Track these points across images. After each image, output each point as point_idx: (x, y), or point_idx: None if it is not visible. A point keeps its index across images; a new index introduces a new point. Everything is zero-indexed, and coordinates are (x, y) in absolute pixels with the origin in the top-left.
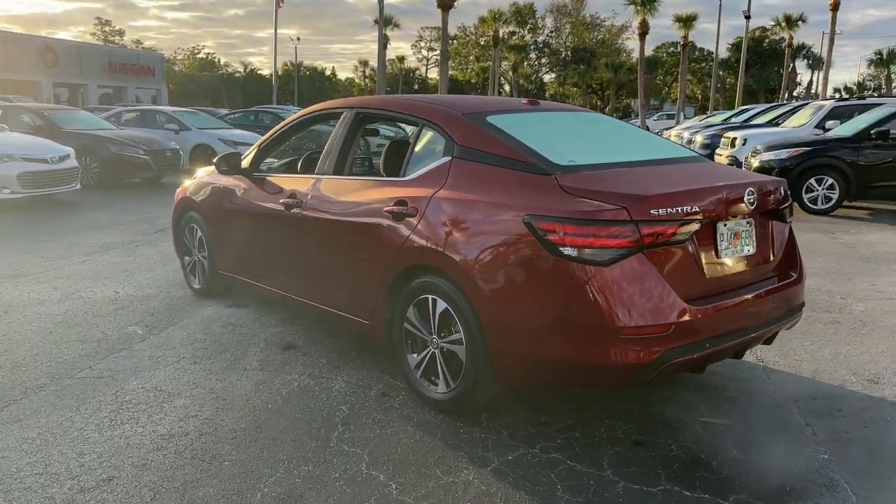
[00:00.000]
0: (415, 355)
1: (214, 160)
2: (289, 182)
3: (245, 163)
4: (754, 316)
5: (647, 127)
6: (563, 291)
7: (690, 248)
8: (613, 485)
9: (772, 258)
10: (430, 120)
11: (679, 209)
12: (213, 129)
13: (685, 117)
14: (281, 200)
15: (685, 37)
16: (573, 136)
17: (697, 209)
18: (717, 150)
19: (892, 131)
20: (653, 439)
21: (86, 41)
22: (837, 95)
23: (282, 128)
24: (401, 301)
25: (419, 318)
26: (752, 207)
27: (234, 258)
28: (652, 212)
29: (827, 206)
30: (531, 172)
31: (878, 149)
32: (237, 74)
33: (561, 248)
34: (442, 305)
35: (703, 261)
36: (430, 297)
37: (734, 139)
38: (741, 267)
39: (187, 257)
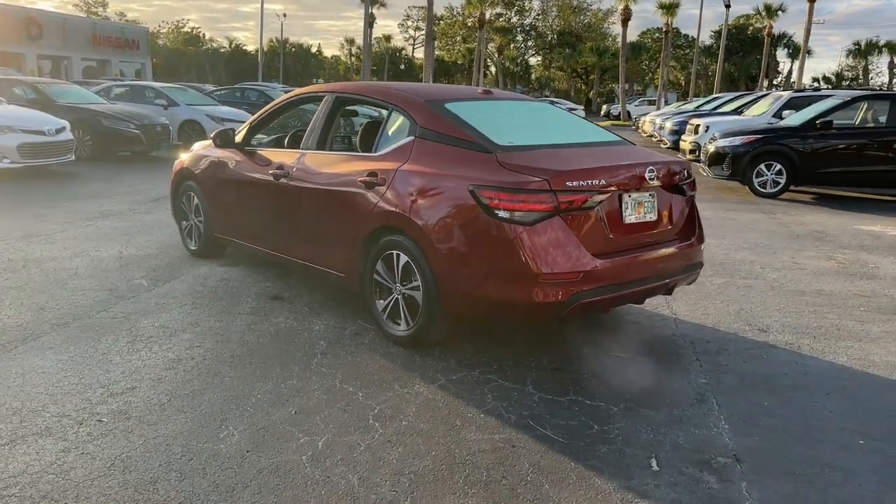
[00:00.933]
0: (382, 301)
1: (211, 135)
2: (277, 155)
3: (238, 138)
4: (651, 270)
5: (629, 112)
6: (498, 245)
7: (599, 213)
8: (531, 395)
9: (671, 225)
10: (398, 105)
11: (590, 182)
12: (200, 105)
13: (666, 103)
14: (270, 171)
15: (668, 24)
16: (516, 122)
17: (605, 182)
18: (682, 136)
19: (835, 122)
20: (568, 366)
21: (71, 13)
22: (815, 84)
23: (271, 108)
24: (371, 256)
25: (385, 270)
26: (654, 183)
27: (227, 222)
28: (567, 183)
29: (775, 190)
30: (477, 151)
31: (822, 138)
32: (222, 50)
33: (496, 212)
34: (404, 259)
35: (610, 224)
36: (394, 252)
37: (697, 126)
38: (643, 230)
39: (185, 222)
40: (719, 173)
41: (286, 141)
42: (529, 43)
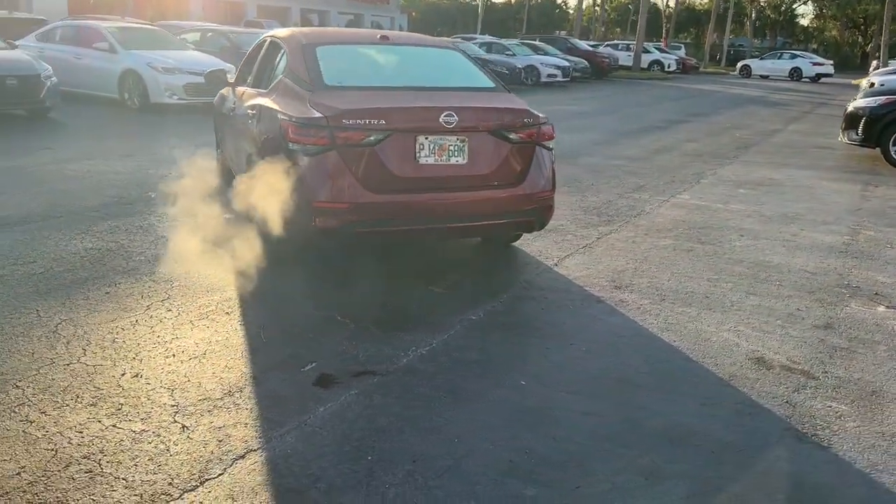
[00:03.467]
0: None
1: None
2: (237, 93)
3: (230, 78)
4: (451, 211)
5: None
6: (290, 175)
7: (383, 151)
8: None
9: (489, 171)
10: (285, 48)
11: (369, 121)
12: None
13: None
14: (228, 105)
15: None
16: (375, 66)
17: (385, 122)
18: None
19: None
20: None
21: None
22: None
23: (251, 51)
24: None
25: None
26: (450, 126)
27: (222, 148)
28: (344, 121)
29: None
30: (304, 90)
31: None
32: (475, 3)
33: (289, 144)
34: None
35: (399, 162)
36: None
37: (872, 84)
38: (444, 173)
39: (217, 150)
40: (852, 138)
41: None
42: None
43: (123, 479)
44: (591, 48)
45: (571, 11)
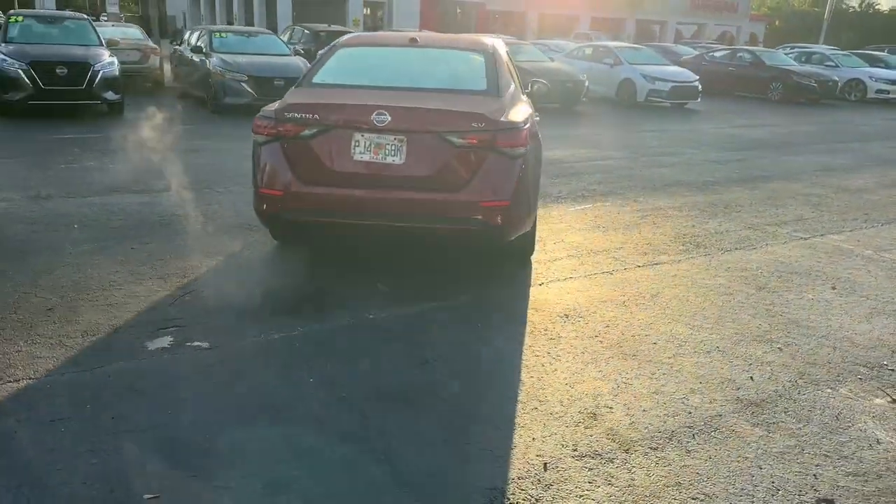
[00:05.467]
0: None
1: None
2: None
3: None
4: (381, 209)
5: None
6: (253, 162)
7: (318, 145)
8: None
9: (428, 173)
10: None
11: (305, 115)
12: (641, 64)
13: None
14: None
15: None
16: (377, 66)
17: (319, 118)
18: None
19: None
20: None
21: None
22: None
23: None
24: None
25: None
26: (382, 125)
27: None
28: (286, 114)
29: None
30: (293, 87)
31: None
32: (850, 10)
33: (254, 135)
34: None
35: (334, 157)
36: None
37: None
38: (379, 171)
39: None
40: None
41: None
42: None
43: None
44: None
45: None
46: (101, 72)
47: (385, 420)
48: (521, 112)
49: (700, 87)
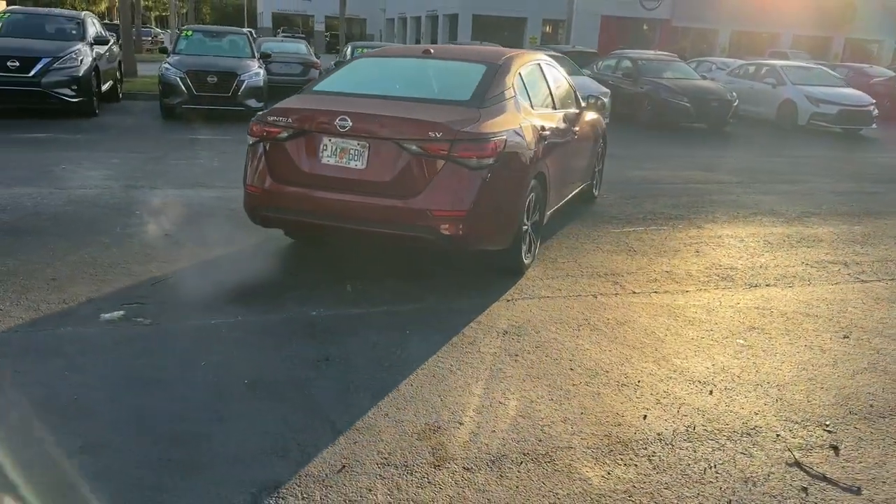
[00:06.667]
0: None
1: None
2: None
3: None
4: (342, 213)
5: None
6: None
7: (292, 148)
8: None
9: (387, 179)
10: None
11: (280, 120)
12: (807, 85)
13: None
14: None
15: None
16: (379, 76)
17: (291, 122)
18: None
19: None
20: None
21: None
22: None
23: None
24: None
25: None
26: (344, 130)
27: None
28: (269, 118)
29: None
30: (297, 93)
31: None
32: None
33: (249, 136)
34: None
35: (305, 160)
36: None
37: None
38: (342, 174)
39: None
40: None
41: None
42: None
43: None
44: None
45: None
46: (245, 81)
47: (232, 405)
48: (500, 124)
49: (876, 111)
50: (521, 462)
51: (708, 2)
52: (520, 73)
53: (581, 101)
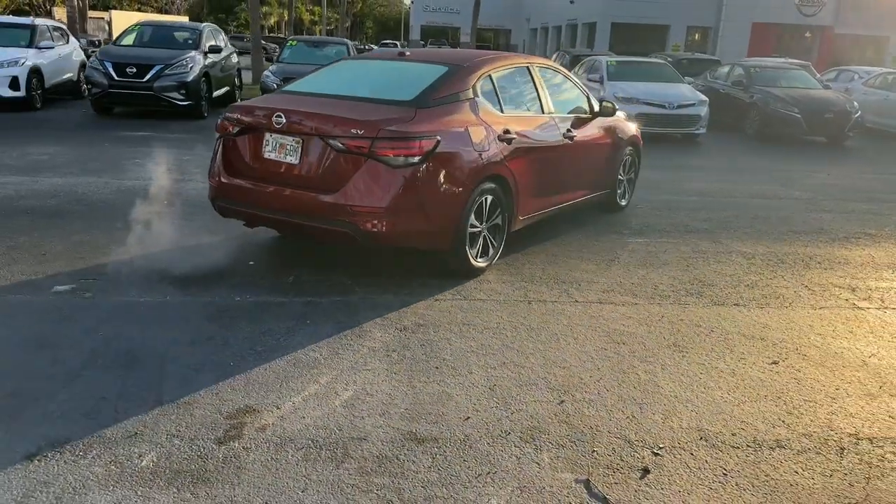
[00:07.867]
0: None
1: None
2: None
3: None
4: (278, 205)
5: None
6: None
7: (243, 143)
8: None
9: (316, 173)
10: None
11: (235, 116)
12: None
13: None
14: None
15: None
16: (345, 77)
17: (241, 118)
18: None
19: None
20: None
21: None
22: None
23: None
24: None
25: None
26: (279, 127)
27: None
28: (227, 115)
29: None
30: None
31: None
32: None
33: (215, 132)
34: None
35: (252, 154)
36: None
37: None
38: (280, 169)
39: None
40: None
41: None
42: None
43: None
44: None
45: None
46: None
47: (87, 371)
48: (439, 125)
49: None
50: (304, 448)
51: (877, 5)
52: (490, 76)
53: (595, 105)
